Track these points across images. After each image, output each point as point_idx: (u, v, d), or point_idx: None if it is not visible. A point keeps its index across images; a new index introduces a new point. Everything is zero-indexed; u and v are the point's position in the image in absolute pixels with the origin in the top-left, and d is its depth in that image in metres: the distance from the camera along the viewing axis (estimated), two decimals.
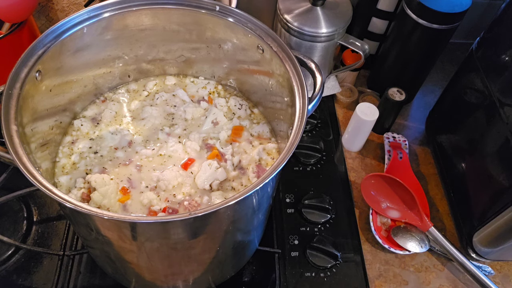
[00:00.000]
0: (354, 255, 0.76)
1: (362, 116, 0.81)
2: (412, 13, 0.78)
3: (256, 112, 0.75)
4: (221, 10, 0.64)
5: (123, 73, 0.74)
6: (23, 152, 0.48)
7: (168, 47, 0.73)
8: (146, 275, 0.63)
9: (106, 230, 0.52)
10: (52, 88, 0.62)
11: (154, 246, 0.54)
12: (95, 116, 0.72)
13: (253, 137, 0.71)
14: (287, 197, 0.82)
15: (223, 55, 0.72)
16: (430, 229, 0.75)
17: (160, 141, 0.69)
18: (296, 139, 0.51)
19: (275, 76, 0.64)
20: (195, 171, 0.65)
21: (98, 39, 0.65)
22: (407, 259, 0.77)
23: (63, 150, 0.67)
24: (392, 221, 0.79)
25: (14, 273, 0.71)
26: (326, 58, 0.89)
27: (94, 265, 0.72)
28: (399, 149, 0.88)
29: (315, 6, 0.84)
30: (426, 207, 0.80)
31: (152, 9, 0.65)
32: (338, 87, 0.97)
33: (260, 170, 0.66)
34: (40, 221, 0.77)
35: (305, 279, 0.72)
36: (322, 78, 0.60)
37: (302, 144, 0.89)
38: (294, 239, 0.77)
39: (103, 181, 0.62)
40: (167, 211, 0.61)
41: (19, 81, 0.54)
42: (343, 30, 0.84)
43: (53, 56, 0.59)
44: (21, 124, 0.52)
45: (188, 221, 0.48)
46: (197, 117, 0.73)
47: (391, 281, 0.74)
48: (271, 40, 0.62)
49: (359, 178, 0.86)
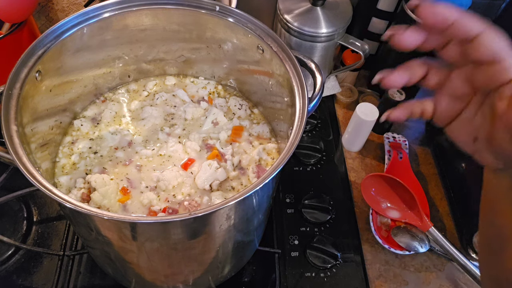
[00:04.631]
0: (354, 255, 0.76)
1: (362, 116, 0.81)
2: (412, 13, 0.78)
3: (256, 112, 0.75)
4: (221, 10, 0.64)
5: (123, 73, 0.74)
6: (23, 152, 0.48)
7: (168, 47, 0.73)
8: (146, 275, 0.63)
9: (106, 230, 0.52)
10: (52, 88, 0.62)
11: (154, 246, 0.54)
12: (95, 116, 0.72)
13: (253, 137, 0.71)
14: (287, 197, 0.82)
15: (223, 55, 0.72)
16: (430, 229, 0.75)
17: (160, 141, 0.69)
18: (296, 139, 0.51)
19: (275, 76, 0.64)
20: (195, 171, 0.65)
21: (98, 39, 0.65)
22: (407, 259, 0.77)
23: (63, 150, 0.67)
24: (392, 221, 0.79)
25: (14, 273, 0.71)
26: (326, 58, 0.89)
27: (94, 265, 0.72)
28: (399, 149, 0.88)
29: (315, 6, 0.84)
30: (426, 207, 0.80)
31: (152, 9, 0.65)
32: (338, 87, 0.97)
33: (260, 170, 0.66)
34: (40, 221, 0.77)
35: (305, 279, 0.72)
36: (322, 78, 0.60)
37: (302, 144, 0.89)
38: (294, 239, 0.77)
39: (103, 181, 0.61)
40: (167, 211, 0.61)
41: (19, 81, 0.54)
42: (343, 30, 0.84)
43: (53, 56, 0.59)
44: (21, 124, 0.52)
45: (188, 221, 0.48)
46: (197, 117, 0.73)
47: (391, 281, 0.74)
48: (271, 40, 0.62)
49: (359, 178, 0.86)
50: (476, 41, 0.34)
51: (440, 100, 0.41)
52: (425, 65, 0.40)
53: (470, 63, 0.37)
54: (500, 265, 0.40)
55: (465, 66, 0.38)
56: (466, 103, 0.39)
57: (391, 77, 0.40)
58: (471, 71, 0.37)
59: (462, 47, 0.36)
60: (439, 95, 0.41)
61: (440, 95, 0.41)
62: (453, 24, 0.35)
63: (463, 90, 0.38)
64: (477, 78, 0.36)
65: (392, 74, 0.40)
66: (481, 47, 0.34)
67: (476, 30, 0.34)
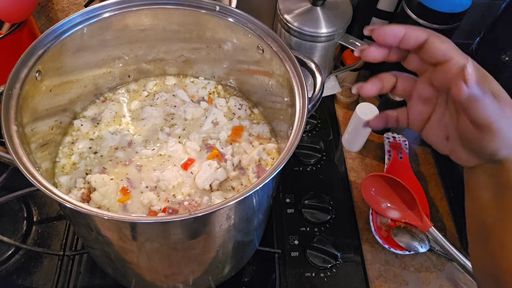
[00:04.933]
0: (354, 255, 0.76)
1: (362, 116, 0.81)
2: (412, 13, 0.78)
3: (256, 112, 0.75)
4: (221, 10, 0.64)
5: (123, 73, 0.74)
6: (23, 152, 0.48)
7: (168, 47, 0.73)
8: (146, 275, 0.63)
9: (106, 230, 0.52)
10: (52, 88, 0.62)
11: (154, 246, 0.54)
12: (95, 116, 0.72)
13: (253, 137, 0.71)
14: (287, 197, 0.82)
15: (223, 55, 0.72)
16: (430, 229, 0.75)
17: (160, 141, 0.69)
18: (296, 139, 0.51)
19: (275, 76, 0.64)
20: (195, 171, 0.65)
21: (98, 39, 0.65)
22: (407, 259, 0.77)
23: (63, 150, 0.67)
24: (392, 221, 0.79)
25: (14, 273, 0.71)
26: (326, 58, 0.89)
27: (94, 265, 0.72)
28: (399, 149, 0.88)
29: (315, 6, 0.84)
30: (426, 207, 0.80)
31: (152, 9, 0.65)
32: (338, 87, 0.97)
33: (260, 170, 0.66)
34: (40, 221, 0.77)
35: (305, 279, 0.72)
36: (322, 78, 0.60)
37: (302, 144, 0.89)
38: (294, 239, 0.77)
39: (103, 181, 0.62)
40: (167, 211, 0.61)
41: (19, 81, 0.54)
42: (343, 30, 0.84)
43: (53, 56, 0.59)
44: (21, 124, 0.52)
45: (188, 221, 0.48)
46: (197, 117, 0.73)
47: (391, 281, 0.74)
48: (271, 40, 0.62)
49: (359, 178, 0.86)
50: (426, 46, 0.40)
51: (411, 106, 0.46)
52: (394, 76, 0.46)
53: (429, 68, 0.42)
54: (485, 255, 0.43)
55: (426, 72, 0.43)
56: (433, 105, 0.44)
57: (366, 87, 0.45)
58: (430, 74, 0.42)
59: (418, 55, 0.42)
60: (410, 102, 0.46)
61: (411, 102, 0.46)
62: (403, 37, 0.41)
63: (428, 93, 0.43)
64: (436, 79, 0.41)
65: (366, 84, 0.45)
66: (430, 50, 0.40)
67: (423, 37, 0.40)
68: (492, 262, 0.42)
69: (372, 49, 0.43)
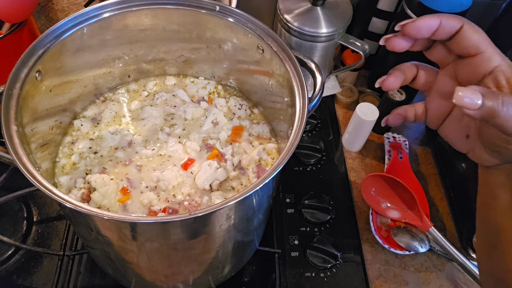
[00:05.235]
0: (354, 255, 0.76)
1: (362, 116, 0.81)
2: (412, 13, 0.78)
3: (256, 112, 0.75)
4: (221, 10, 0.64)
5: (123, 73, 0.74)
6: (23, 152, 0.48)
7: (168, 47, 0.73)
8: (146, 275, 0.63)
9: (106, 230, 0.52)
10: (52, 88, 0.62)
11: (154, 246, 0.54)
12: (95, 116, 0.72)
13: (253, 137, 0.71)
14: (287, 197, 0.82)
15: (223, 55, 0.72)
16: (430, 229, 0.75)
17: (160, 141, 0.69)
18: (296, 139, 0.51)
19: (275, 76, 0.64)
20: (195, 171, 0.65)
21: (98, 39, 0.65)
22: (407, 259, 0.77)
23: (63, 150, 0.67)
24: (392, 221, 0.79)
25: (14, 273, 0.71)
26: (326, 58, 0.89)
27: (94, 265, 0.72)
28: (399, 149, 0.88)
29: (315, 6, 0.84)
30: (426, 207, 0.80)
31: (152, 9, 0.65)
32: (338, 87, 0.97)
33: (260, 170, 0.66)
34: (40, 221, 0.77)
35: (305, 279, 0.72)
36: (322, 78, 0.60)
37: (302, 144, 0.89)
38: (294, 239, 0.77)
39: (103, 181, 0.62)
40: (167, 211, 0.61)
41: (19, 81, 0.54)
42: (343, 30, 0.84)
43: (53, 56, 0.59)
44: (21, 124, 0.52)
45: (188, 221, 0.48)
46: (197, 117, 0.73)
47: (391, 281, 0.74)
48: (271, 40, 0.62)
49: (359, 178, 0.86)
50: (458, 36, 0.37)
51: (430, 101, 0.43)
52: (415, 67, 0.43)
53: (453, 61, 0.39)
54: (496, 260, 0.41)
55: (450, 64, 0.40)
56: None
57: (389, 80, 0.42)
58: (455, 68, 0.39)
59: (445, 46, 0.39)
60: (429, 96, 0.43)
61: (430, 96, 0.43)
62: (438, 29, 0.37)
63: (451, 87, 0.40)
64: (461, 72, 0.39)
65: (389, 77, 0.42)
66: (462, 41, 0.37)
67: (458, 26, 0.37)
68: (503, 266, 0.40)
69: (398, 41, 0.40)
